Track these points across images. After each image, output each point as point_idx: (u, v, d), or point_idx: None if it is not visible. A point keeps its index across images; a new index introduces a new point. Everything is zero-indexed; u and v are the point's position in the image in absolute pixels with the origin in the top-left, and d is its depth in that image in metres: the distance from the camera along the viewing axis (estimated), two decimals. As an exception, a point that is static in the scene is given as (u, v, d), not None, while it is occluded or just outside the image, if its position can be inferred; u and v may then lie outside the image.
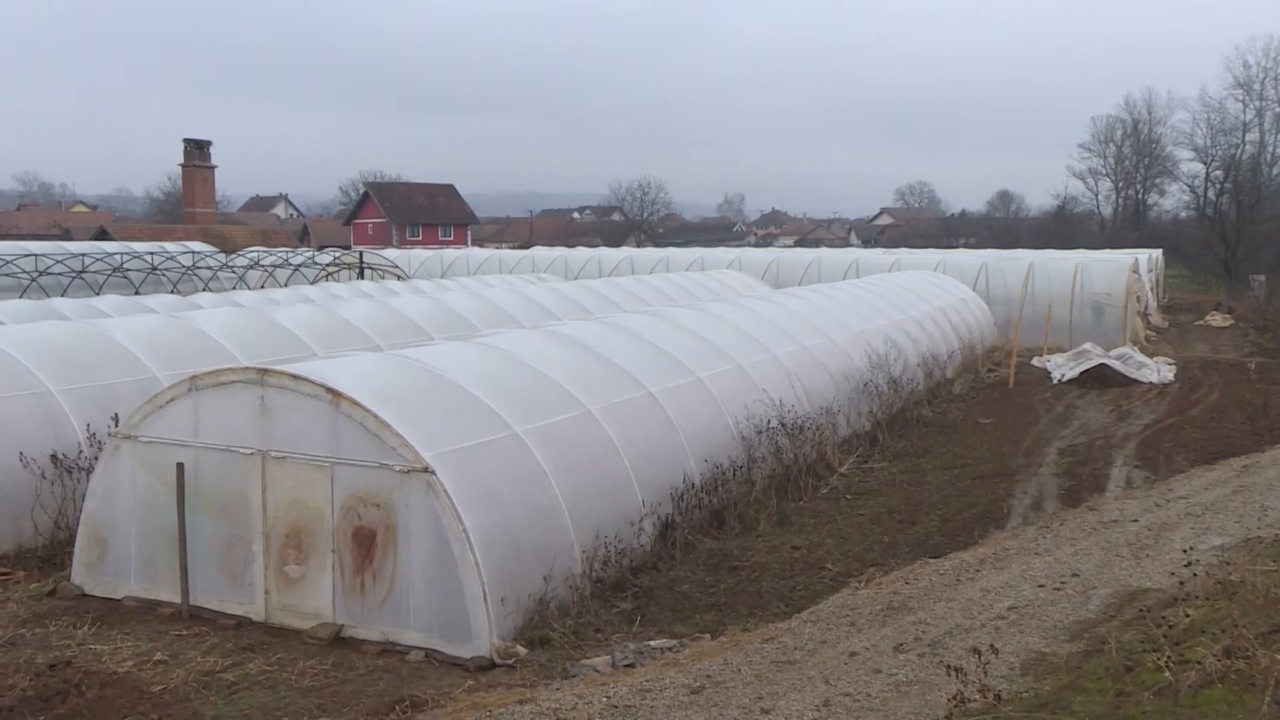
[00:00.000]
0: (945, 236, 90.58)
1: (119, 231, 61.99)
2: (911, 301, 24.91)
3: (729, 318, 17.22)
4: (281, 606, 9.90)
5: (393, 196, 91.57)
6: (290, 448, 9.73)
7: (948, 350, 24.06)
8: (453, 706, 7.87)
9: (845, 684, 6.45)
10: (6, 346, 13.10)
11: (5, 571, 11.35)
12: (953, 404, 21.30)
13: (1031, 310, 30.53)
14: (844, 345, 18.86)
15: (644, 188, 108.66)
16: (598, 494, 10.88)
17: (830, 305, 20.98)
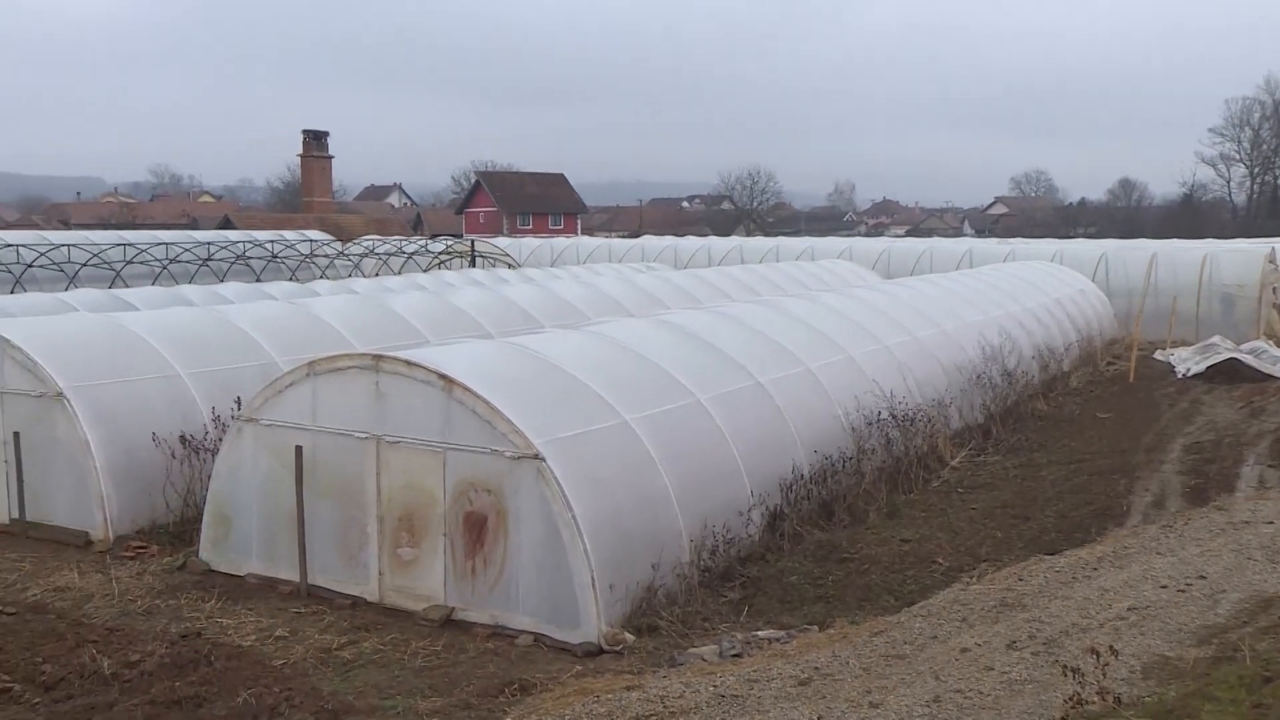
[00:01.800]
0: (1063, 226, 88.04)
1: (241, 220, 63.93)
2: (1027, 292, 24.32)
3: (839, 307, 17.04)
4: (394, 588, 10.13)
5: (504, 185, 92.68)
6: (404, 433, 9.94)
7: (1064, 342, 23.43)
8: (560, 691, 7.96)
9: (956, 680, 6.34)
10: (141, 332, 13.64)
11: (141, 545, 11.84)
12: (1069, 397, 20.73)
13: (1154, 302, 29.46)
14: (956, 336, 18.51)
15: (753, 176, 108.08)
16: (706, 483, 10.88)
17: (942, 296, 20.61)
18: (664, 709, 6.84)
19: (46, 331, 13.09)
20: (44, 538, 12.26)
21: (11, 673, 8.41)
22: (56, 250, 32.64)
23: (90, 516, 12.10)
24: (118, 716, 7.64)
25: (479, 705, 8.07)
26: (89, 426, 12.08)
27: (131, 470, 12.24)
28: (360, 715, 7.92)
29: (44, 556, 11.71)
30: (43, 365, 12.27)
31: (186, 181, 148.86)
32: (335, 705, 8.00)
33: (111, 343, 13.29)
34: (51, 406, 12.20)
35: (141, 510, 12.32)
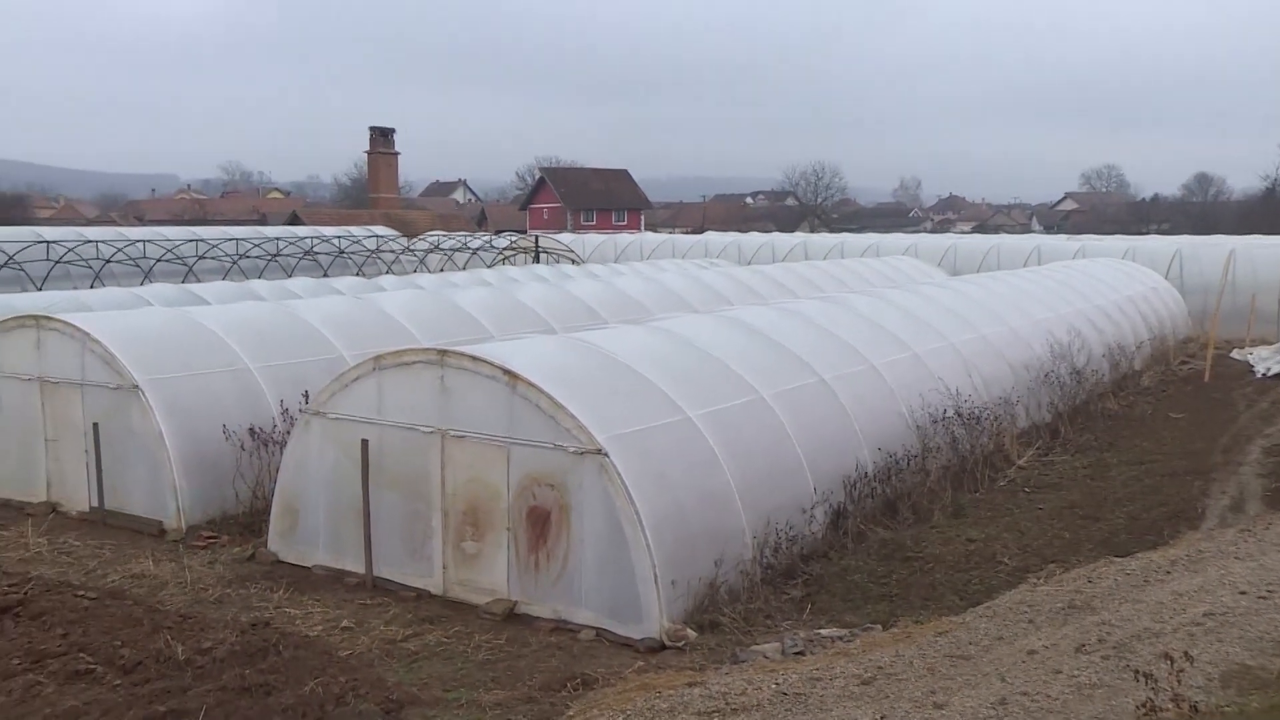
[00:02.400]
0: (1135, 222, 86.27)
1: (309, 216, 64.84)
2: (1097, 289, 23.89)
3: (904, 304, 16.87)
4: (458, 581, 10.21)
5: (568, 181, 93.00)
6: (469, 427, 10.02)
7: (1136, 341, 22.98)
8: (622, 686, 7.97)
9: (1022, 683, 6.25)
10: (212, 326, 13.90)
11: (212, 535, 12.08)
12: (1141, 397, 20.33)
13: (1232, 300, 28.74)
14: (1024, 334, 18.25)
15: (818, 172, 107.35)
16: (769, 480, 10.83)
17: (1010, 293, 20.32)
18: (726, 706, 6.82)
19: (123, 326, 13.40)
20: (121, 526, 12.55)
21: (94, 655, 8.63)
22: (133, 246, 33.36)
23: (164, 506, 12.36)
24: (191, 701, 7.80)
25: (541, 699, 8.11)
26: (163, 418, 12.34)
27: (203, 462, 12.48)
28: (425, 706, 8.01)
29: (121, 544, 11.99)
30: (120, 358, 12.55)
31: (256, 178, 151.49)
32: (400, 696, 8.09)
33: (184, 337, 13.57)
34: (128, 398, 12.47)
35: (212, 501, 12.55)
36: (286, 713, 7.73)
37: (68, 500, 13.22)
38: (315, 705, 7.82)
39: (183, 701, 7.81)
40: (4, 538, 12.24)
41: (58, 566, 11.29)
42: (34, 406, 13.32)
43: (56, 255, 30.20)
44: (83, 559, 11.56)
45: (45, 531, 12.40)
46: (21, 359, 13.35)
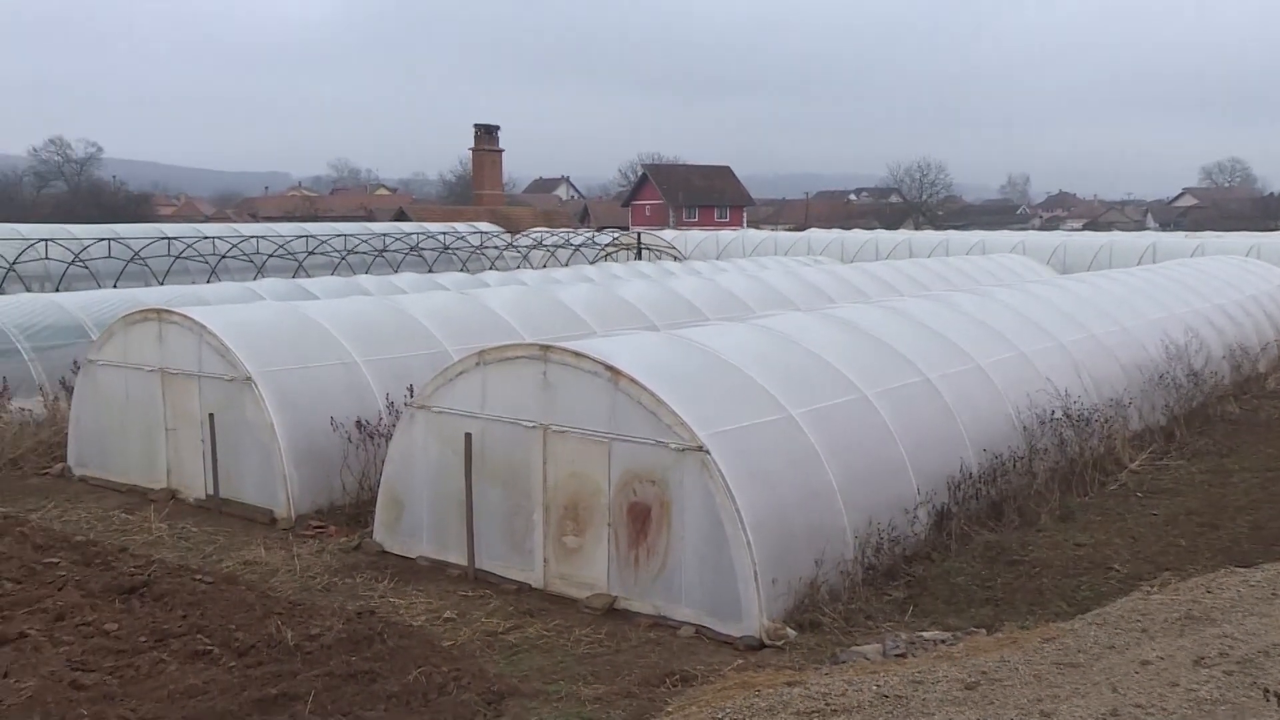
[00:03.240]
0: (1261, 219, 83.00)
1: (415, 213, 66.01)
2: (1217, 288, 23.07)
3: (1011, 303, 16.52)
4: (559, 575, 10.30)
5: (670, 178, 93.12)
6: (570, 422, 10.09)
7: (1260, 342, 22.13)
8: (721, 684, 7.96)
9: (1136, 694, 6.06)
10: (321, 320, 14.24)
11: (320, 525, 12.38)
12: (1265, 400, 19.54)
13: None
14: (1137, 334, 17.72)
15: (923, 169, 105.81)
16: (871, 479, 10.71)
17: (1122, 291, 19.75)
18: (826, 706, 6.76)
19: (237, 319, 13.80)
20: (234, 514, 12.94)
21: (211, 637, 8.93)
22: (247, 242, 34.37)
23: (274, 495, 12.70)
24: (300, 685, 8.01)
25: (640, 694, 8.14)
26: (274, 410, 12.67)
27: (311, 453, 12.80)
28: (525, 698, 8.10)
29: (235, 531, 12.36)
30: (234, 351, 12.93)
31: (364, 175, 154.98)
32: (501, 687, 8.19)
33: (295, 331, 13.92)
34: (241, 390, 12.85)
35: (320, 491, 12.86)
36: (391, 700, 7.89)
37: (186, 487, 13.67)
38: (418, 694, 7.97)
39: (293, 685, 8.03)
40: (130, 522, 12.73)
41: (177, 551, 11.70)
42: (156, 396, 13.81)
43: (177, 251, 31.26)
44: (200, 544, 11.95)
45: (166, 517, 12.85)
46: (145, 351, 13.86)
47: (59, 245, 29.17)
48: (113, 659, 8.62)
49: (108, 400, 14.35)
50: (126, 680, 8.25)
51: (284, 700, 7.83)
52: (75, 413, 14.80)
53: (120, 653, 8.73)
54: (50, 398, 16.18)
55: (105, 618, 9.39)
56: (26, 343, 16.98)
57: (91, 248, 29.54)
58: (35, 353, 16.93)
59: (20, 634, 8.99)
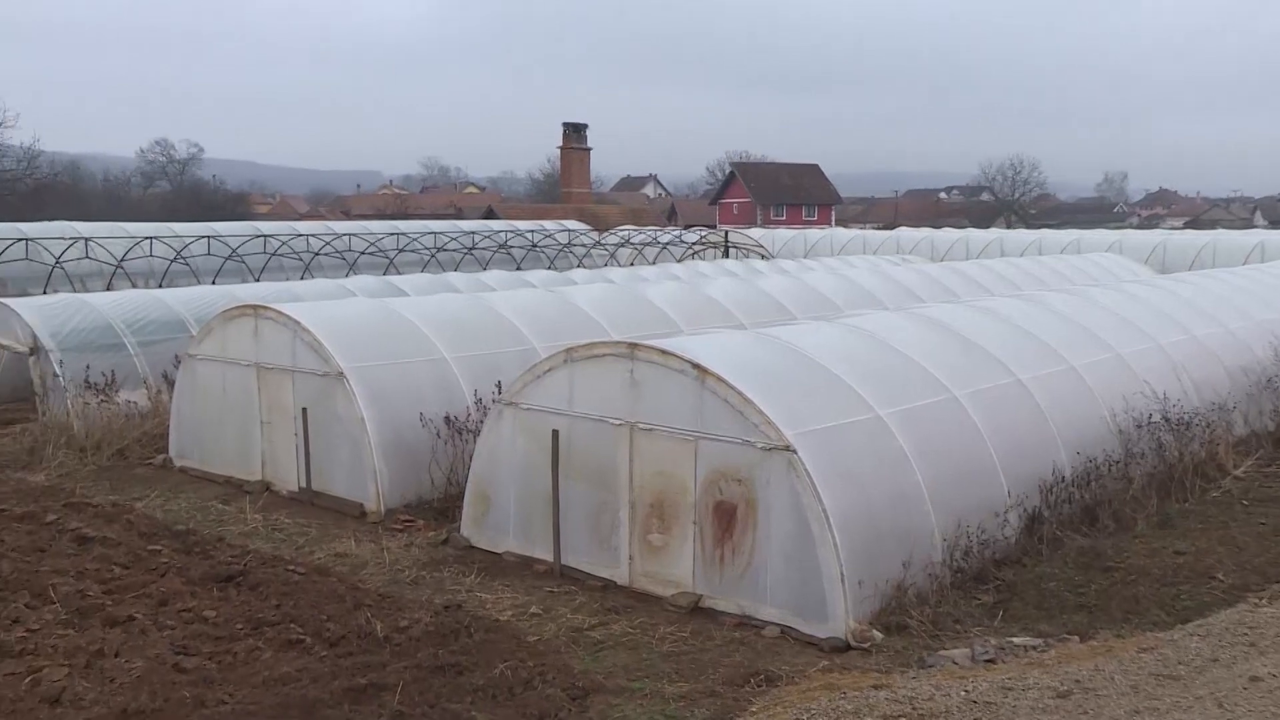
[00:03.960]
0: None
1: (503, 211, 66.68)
2: (1328, 289, 22.20)
3: (1107, 303, 16.11)
4: (644, 573, 10.32)
5: (758, 176, 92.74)
6: (657, 420, 10.10)
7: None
8: (806, 685, 7.91)
9: (1245, 712, 5.86)
10: (411, 317, 14.46)
11: (409, 519, 12.57)
12: (1375, 405, 18.79)
13: None
14: (1243, 336, 17.16)
15: (1015, 166, 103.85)
16: (960, 481, 10.54)
17: (1226, 292, 19.13)
18: (913, 711, 6.68)
19: (330, 315, 14.07)
20: (326, 506, 13.20)
21: (303, 626, 9.13)
22: (339, 239, 35.02)
23: (364, 489, 12.93)
24: (389, 676, 8.14)
25: (725, 693, 8.12)
26: (365, 405, 12.89)
27: (401, 447, 12.99)
28: (609, 695, 8.13)
29: (326, 523, 12.61)
30: (326, 346, 13.18)
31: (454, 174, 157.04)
32: (585, 683, 8.24)
33: (385, 327, 14.15)
34: (333, 385, 13.10)
35: (409, 485, 13.05)
36: (477, 693, 7.99)
37: (279, 480, 13.99)
38: (504, 687, 8.05)
39: (382, 676, 8.17)
40: (227, 513, 13.08)
41: (271, 542, 11.97)
42: (252, 390, 14.15)
43: (272, 248, 31.98)
44: (292, 536, 12.22)
45: (260, 508, 13.16)
46: (242, 346, 14.21)
47: (162, 243, 30.05)
48: (211, 644, 8.87)
49: (206, 394, 14.75)
50: (224, 665, 8.48)
51: (373, 690, 7.97)
52: (176, 405, 15.25)
53: (218, 639, 8.98)
54: (154, 390, 16.69)
55: (204, 605, 9.67)
56: (132, 337, 17.52)
57: (192, 245, 30.36)
58: (140, 346, 17.46)
59: (129, 617, 9.31)
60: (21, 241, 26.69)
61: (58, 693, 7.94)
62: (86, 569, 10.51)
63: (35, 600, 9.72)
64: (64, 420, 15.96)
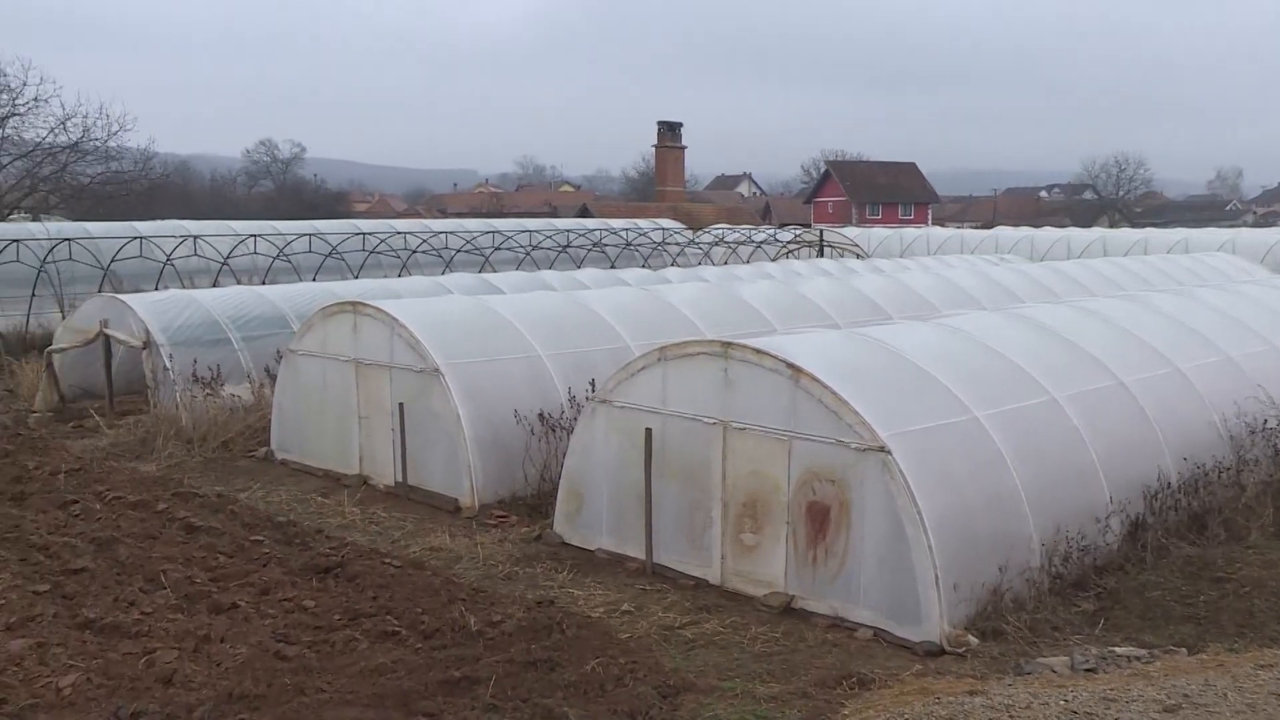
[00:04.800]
0: None
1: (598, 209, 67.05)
2: None
3: (1216, 303, 15.61)
4: (736, 572, 10.29)
5: (853, 175, 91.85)
6: (750, 419, 10.06)
7: None
8: (899, 689, 7.81)
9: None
10: (506, 314, 14.61)
11: (502, 514, 12.71)
12: None
13: None
14: (1363, 339, 16.45)
15: (1120, 164, 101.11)
16: (1059, 486, 10.30)
17: (1346, 293, 18.38)
18: (1008, 718, 6.55)
19: (426, 312, 14.29)
20: (421, 501, 13.41)
21: (399, 618, 9.29)
22: (436, 237, 35.54)
23: (459, 484, 13.10)
24: (482, 670, 8.24)
25: (816, 695, 8.06)
26: (460, 401, 13.07)
27: (495, 444, 13.14)
28: (700, 694, 8.12)
29: (421, 518, 12.82)
30: (423, 343, 13.39)
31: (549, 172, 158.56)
32: (676, 682, 8.24)
33: (481, 324, 14.32)
34: (429, 381, 13.30)
35: (503, 482, 13.19)
36: (569, 689, 8.04)
37: (376, 474, 14.25)
38: (595, 684, 8.09)
39: (475, 669, 8.27)
40: (326, 505, 13.38)
41: (368, 535, 12.21)
42: (350, 386, 14.44)
43: (370, 246, 32.59)
44: (388, 529, 12.44)
45: (358, 502, 13.43)
46: (341, 342, 14.51)
47: (266, 241, 30.82)
48: (310, 634, 9.07)
49: (306, 388, 15.10)
50: (323, 655, 8.67)
51: (466, 683, 8.07)
52: (277, 400, 15.64)
53: (317, 628, 9.19)
54: (256, 385, 17.14)
55: (304, 595, 9.90)
56: (237, 332, 18.01)
57: (294, 243, 31.09)
58: (244, 342, 17.94)
59: (233, 604, 9.59)
60: (136, 240, 27.61)
61: (170, 674, 8.22)
62: (194, 556, 10.85)
63: (148, 585, 10.07)
64: (173, 413, 16.47)
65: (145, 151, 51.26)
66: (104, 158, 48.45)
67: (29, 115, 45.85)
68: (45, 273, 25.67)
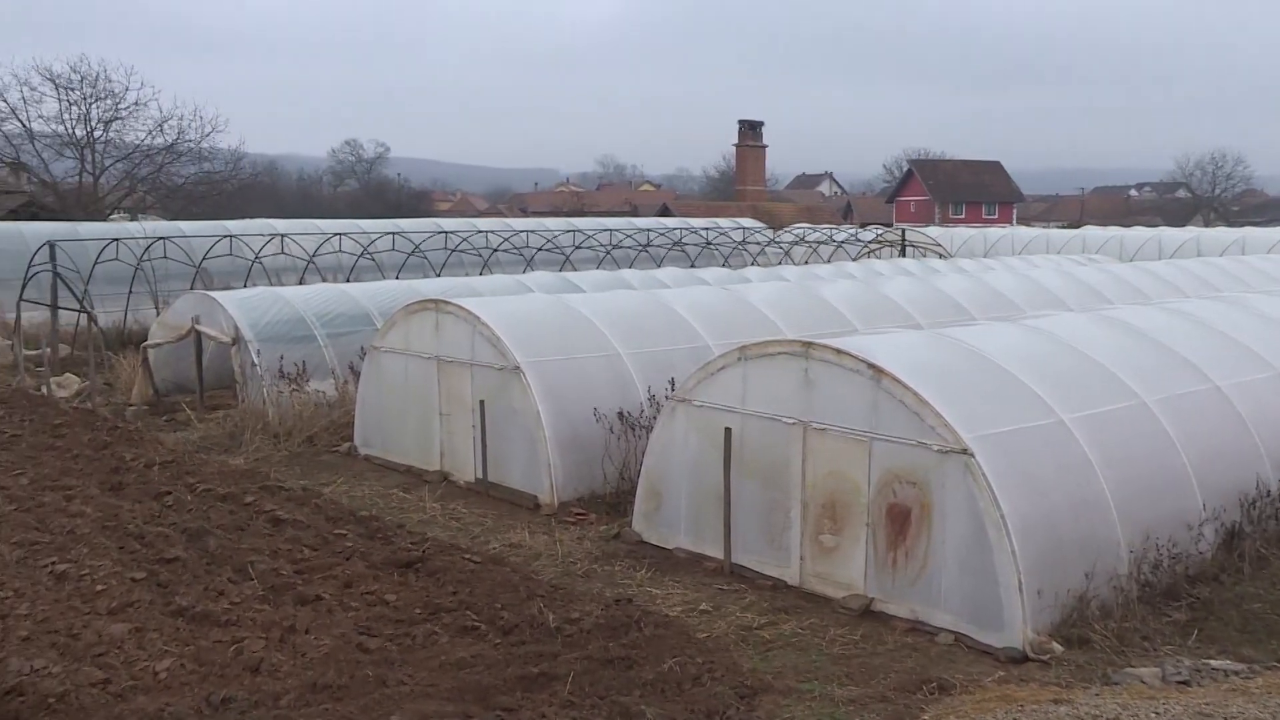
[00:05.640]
0: None
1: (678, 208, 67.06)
2: None
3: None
4: (815, 573, 10.22)
5: (936, 174, 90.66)
6: (830, 420, 9.98)
7: None
8: (981, 695, 7.69)
9: None
10: (586, 312, 14.68)
11: (581, 512, 12.78)
12: None
13: None
14: None
15: (1217, 161, 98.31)
16: (1149, 492, 10.05)
17: None
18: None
19: (507, 310, 14.41)
20: (501, 497, 13.53)
21: (478, 614, 9.38)
22: (517, 236, 35.83)
23: (539, 482, 13.19)
24: (560, 666, 8.29)
25: (896, 699, 7.97)
26: (540, 399, 13.15)
27: (574, 442, 13.20)
28: (778, 695, 8.07)
29: (501, 514, 12.94)
30: (504, 341, 13.51)
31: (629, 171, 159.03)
32: (754, 682, 8.21)
33: (561, 322, 14.40)
34: (510, 379, 13.41)
35: (582, 480, 13.25)
36: (646, 687, 8.04)
37: (457, 470, 14.41)
38: (673, 683, 8.08)
39: (553, 666, 8.32)
40: (407, 500, 13.57)
41: (448, 530, 12.35)
42: (432, 383, 14.62)
43: (452, 244, 32.96)
44: (468, 525, 12.58)
45: (439, 498, 13.60)
46: (424, 339, 14.70)
47: (350, 239, 31.33)
48: (392, 627, 9.20)
49: (389, 385, 15.32)
50: (404, 648, 8.79)
51: (544, 680, 8.12)
52: (360, 395, 15.90)
53: (398, 622, 9.31)
54: (340, 381, 17.45)
55: (386, 588, 10.04)
56: (322, 329, 18.34)
57: (378, 241, 31.56)
58: (329, 338, 18.27)
59: (317, 596, 9.76)
60: (226, 238, 28.25)
61: (257, 662, 8.41)
62: (280, 549, 11.06)
63: (236, 575, 10.30)
64: (260, 408, 16.84)
65: (236, 152, 52.58)
66: (197, 158, 49.83)
67: (129, 119, 47.35)
68: (142, 270, 26.41)
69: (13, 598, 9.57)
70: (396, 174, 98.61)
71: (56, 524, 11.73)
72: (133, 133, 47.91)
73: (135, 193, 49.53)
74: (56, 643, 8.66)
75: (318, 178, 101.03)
